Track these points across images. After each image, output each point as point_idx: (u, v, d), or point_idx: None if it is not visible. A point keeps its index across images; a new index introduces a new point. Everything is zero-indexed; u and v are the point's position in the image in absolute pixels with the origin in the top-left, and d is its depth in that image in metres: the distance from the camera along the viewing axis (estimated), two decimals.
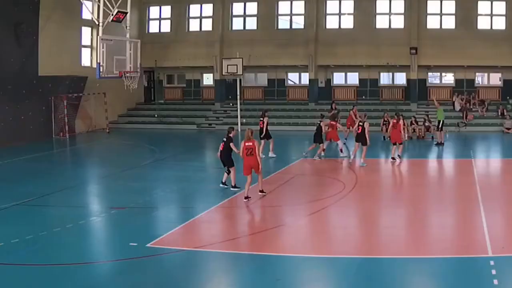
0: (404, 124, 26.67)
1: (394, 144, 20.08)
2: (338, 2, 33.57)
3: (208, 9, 35.14)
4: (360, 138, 19.33)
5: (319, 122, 20.99)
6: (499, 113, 30.31)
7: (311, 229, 12.36)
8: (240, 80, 32.48)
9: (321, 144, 20.73)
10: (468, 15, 31.22)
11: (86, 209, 14.25)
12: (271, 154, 21.21)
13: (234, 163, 15.40)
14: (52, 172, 19.71)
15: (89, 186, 17.69)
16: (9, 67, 25.33)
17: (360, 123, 19.54)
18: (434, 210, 13.48)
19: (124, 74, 22.01)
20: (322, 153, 20.91)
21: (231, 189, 15.38)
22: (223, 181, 15.84)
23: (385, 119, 27.15)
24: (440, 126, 24.45)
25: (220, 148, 15.55)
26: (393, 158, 19.97)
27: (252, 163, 14.18)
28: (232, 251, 10.65)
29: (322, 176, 18.02)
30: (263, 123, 21.06)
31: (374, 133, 27.72)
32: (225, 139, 15.50)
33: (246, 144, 14.22)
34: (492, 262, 9.33)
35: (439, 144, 24.15)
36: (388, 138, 23.82)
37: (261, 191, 14.71)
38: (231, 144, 15.38)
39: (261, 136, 20.87)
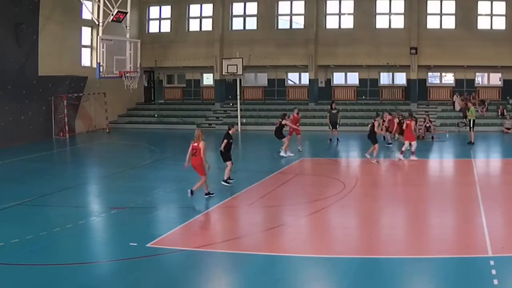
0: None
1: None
2: (338, 2, 33.57)
3: (208, 9, 35.14)
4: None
5: (372, 121, 20.65)
6: (499, 113, 30.31)
7: (311, 229, 12.36)
8: (240, 80, 32.49)
9: (375, 145, 20.17)
10: (468, 15, 31.22)
11: (86, 209, 14.26)
12: (282, 153, 21.54)
13: (232, 159, 15.92)
14: (52, 172, 19.71)
15: (89, 186, 17.68)
16: (9, 67, 25.33)
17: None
18: (434, 210, 13.48)
19: (124, 74, 22.04)
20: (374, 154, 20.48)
21: (221, 182, 15.84)
22: (225, 178, 16.14)
23: (384, 119, 27.12)
24: (472, 125, 24.52)
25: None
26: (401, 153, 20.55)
27: (195, 163, 14.04)
28: (232, 251, 10.65)
29: (322, 176, 18.02)
30: (280, 123, 21.64)
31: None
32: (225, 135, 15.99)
33: (193, 144, 14.12)
34: (492, 262, 9.33)
35: (471, 143, 24.13)
36: (398, 139, 24.28)
37: (192, 193, 14.19)
38: (225, 140, 15.81)
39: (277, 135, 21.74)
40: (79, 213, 13.36)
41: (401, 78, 33.65)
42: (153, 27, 36.28)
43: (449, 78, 34.00)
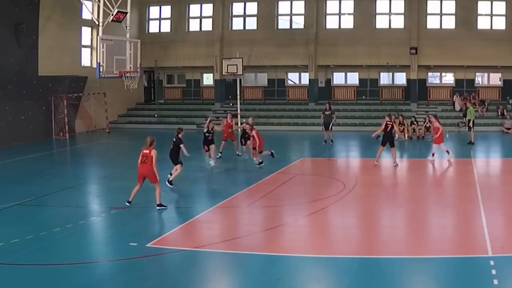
0: (404, 125, 26.81)
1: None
2: (338, 2, 33.56)
3: (208, 9, 35.15)
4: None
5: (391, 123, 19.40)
6: (499, 113, 30.31)
7: (311, 229, 12.35)
8: (240, 80, 32.48)
9: (393, 148, 19.20)
10: (468, 15, 31.22)
11: (86, 209, 14.25)
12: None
13: (182, 162, 15.94)
14: (52, 172, 19.69)
15: (89, 186, 17.68)
16: (9, 67, 25.34)
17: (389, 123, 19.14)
18: (434, 210, 13.48)
19: (124, 74, 22.04)
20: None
21: (167, 183, 15.79)
22: (171, 179, 16.15)
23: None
24: (471, 125, 24.48)
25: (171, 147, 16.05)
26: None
27: (145, 171, 13.48)
28: (232, 251, 10.65)
29: (322, 176, 18.02)
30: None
31: (372, 133, 27.80)
32: (174, 139, 16.02)
33: (144, 151, 13.63)
34: (492, 262, 9.33)
35: (470, 144, 24.11)
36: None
37: (159, 205, 13.54)
38: (182, 146, 15.79)
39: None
40: (79, 213, 13.36)
41: (401, 78, 33.64)
42: (153, 27, 36.29)
43: (449, 78, 33.99)
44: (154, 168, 13.44)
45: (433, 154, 20.43)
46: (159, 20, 36.23)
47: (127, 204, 13.69)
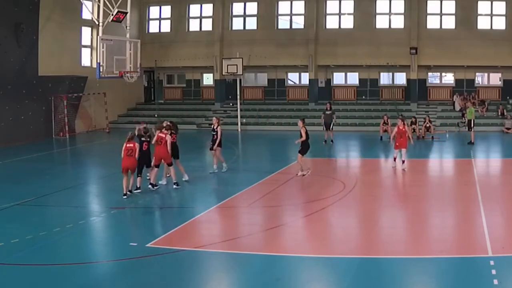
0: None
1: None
2: (338, 2, 33.58)
3: (208, 9, 35.17)
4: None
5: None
6: (499, 113, 30.31)
7: (311, 229, 12.35)
8: (240, 80, 32.50)
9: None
10: (468, 15, 31.23)
11: (86, 209, 14.25)
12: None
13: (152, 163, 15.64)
14: (52, 172, 19.69)
15: (89, 186, 17.68)
16: (9, 67, 25.35)
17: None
18: (434, 210, 13.48)
19: (124, 74, 22.06)
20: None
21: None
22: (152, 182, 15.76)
23: (385, 120, 27.12)
24: (471, 125, 24.48)
25: (144, 149, 15.15)
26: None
27: (129, 164, 14.53)
28: (232, 251, 10.65)
29: (322, 176, 18.00)
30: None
31: (372, 133, 27.83)
32: (148, 139, 15.43)
33: (128, 145, 14.56)
34: (492, 262, 9.33)
35: (470, 144, 24.08)
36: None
37: (130, 192, 14.72)
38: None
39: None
40: (79, 213, 13.37)
41: (401, 78, 33.66)
42: (153, 27, 36.31)
43: (449, 78, 34.02)
44: (136, 159, 14.56)
45: (397, 160, 18.91)
46: (159, 20, 36.26)
47: (124, 197, 14.45)
